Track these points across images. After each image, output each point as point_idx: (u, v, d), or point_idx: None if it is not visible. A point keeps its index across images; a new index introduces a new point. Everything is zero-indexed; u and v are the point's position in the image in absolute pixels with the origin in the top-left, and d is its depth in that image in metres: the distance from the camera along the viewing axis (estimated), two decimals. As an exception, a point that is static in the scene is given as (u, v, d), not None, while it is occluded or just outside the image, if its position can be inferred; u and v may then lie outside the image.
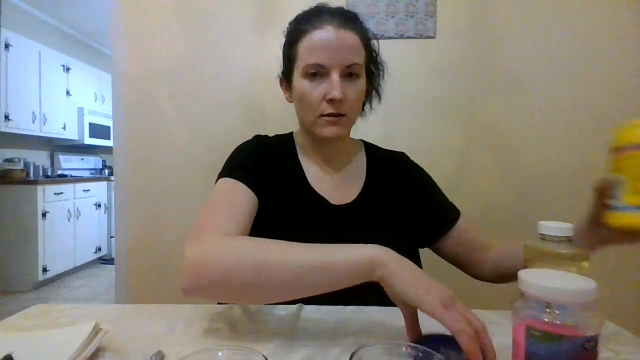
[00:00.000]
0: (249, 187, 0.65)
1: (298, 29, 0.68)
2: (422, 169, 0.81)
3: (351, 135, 0.86)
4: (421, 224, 0.75)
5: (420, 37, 1.17)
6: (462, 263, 0.75)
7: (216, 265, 0.49)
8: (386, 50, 1.21)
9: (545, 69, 1.15)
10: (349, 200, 0.72)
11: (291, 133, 0.80)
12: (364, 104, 0.79)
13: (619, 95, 1.14)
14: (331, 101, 0.64)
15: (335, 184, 0.73)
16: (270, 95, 1.17)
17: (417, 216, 0.75)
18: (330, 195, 0.72)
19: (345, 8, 0.72)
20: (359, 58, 0.66)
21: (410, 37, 1.18)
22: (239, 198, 0.63)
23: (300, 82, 0.66)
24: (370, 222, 0.71)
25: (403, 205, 0.75)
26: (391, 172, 0.77)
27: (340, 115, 0.66)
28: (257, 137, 0.78)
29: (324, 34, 0.64)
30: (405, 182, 0.77)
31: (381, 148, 0.84)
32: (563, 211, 1.14)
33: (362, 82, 0.68)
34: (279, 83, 0.76)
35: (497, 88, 1.17)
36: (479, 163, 1.18)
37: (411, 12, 1.17)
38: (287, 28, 0.72)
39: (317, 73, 0.64)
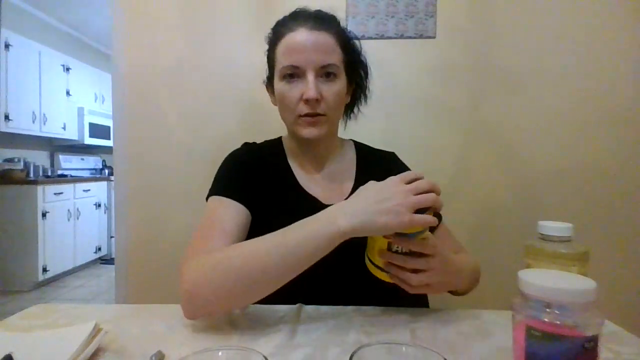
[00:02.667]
0: (237, 200, 0.66)
1: (275, 34, 0.71)
2: (406, 169, 0.81)
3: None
4: None
5: (420, 37, 1.17)
6: None
7: (205, 287, 0.52)
8: (386, 50, 1.21)
9: (545, 69, 1.15)
10: (341, 199, 0.72)
11: (280, 138, 0.82)
12: (352, 106, 0.81)
13: (620, 95, 1.14)
14: (307, 101, 0.65)
15: (326, 184, 0.74)
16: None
17: None
18: (321, 195, 0.72)
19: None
20: (335, 58, 0.67)
21: (410, 37, 1.18)
22: (226, 215, 0.64)
23: (278, 85, 0.68)
24: None
25: None
26: (379, 170, 0.77)
27: (319, 115, 0.67)
28: (246, 145, 0.79)
29: (297, 36, 0.66)
30: None
31: (372, 147, 0.84)
32: (563, 211, 1.14)
33: (340, 82, 0.68)
34: (265, 88, 0.78)
35: (497, 88, 1.17)
36: (479, 163, 1.18)
37: (411, 12, 1.17)
38: (269, 34, 0.74)
39: (293, 74, 0.66)
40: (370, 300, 0.60)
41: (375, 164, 0.79)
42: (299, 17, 0.69)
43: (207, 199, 0.69)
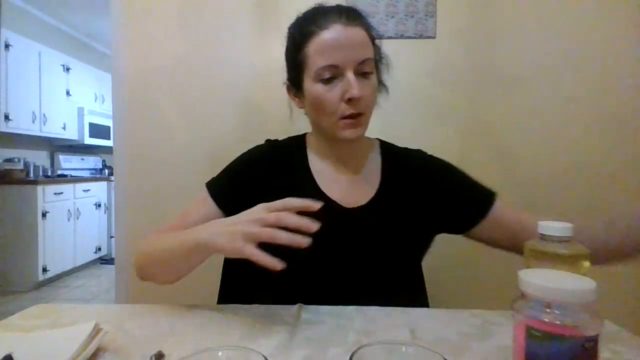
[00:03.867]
0: (218, 204, 0.69)
1: (303, 32, 0.65)
2: (443, 162, 0.78)
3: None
4: (452, 216, 0.72)
5: (420, 37, 1.17)
6: (507, 248, 0.70)
7: (139, 259, 0.66)
8: (386, 50, 1.21)
9: (545, 69, 1.15)
10: (364, 202, 0.69)
11: (304, 135, 0.78)
12: None
13: (619, 95, 1.14)
14: (350, 101, 0.62)
15: (349, 186, 0.71)
16: (270, 95, 1.17)
17: (446, 209, 0.72)
18: (342, 198, 0.69)
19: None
20: (370, 53, 0.65)
21: (410, 37, 1.18)
22: (197, 213, 0.69)
23: (313, 87, 0.64)
24: (386, 223, 0.68)
25: (424, 202, 0.71)
26: (408, 171, 0.74)
27: (360, 114, 0.64)
28: (267, 143, 0.77)
29: (333, 34, 0.62)
30: (425, 179, 0.73)
31: (397, 146, 0.81)
32: (563, 211, 1.14)
33: (374, 78, 0.66)
34: (286, 90, 0.73)
35: (497, 88, 1.17)
36: (479, 163, 1.18)
37: (411, 12, 1.17)
38: (289, 32, 0.69)
39: (331, 74, 0.62)
40: (370, 300, 0.60)
41: (402, 164, 0.75)
42: (329, 13, 0.64)
43: (206, 183, 0.73)
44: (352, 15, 0.64)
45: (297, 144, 0.76)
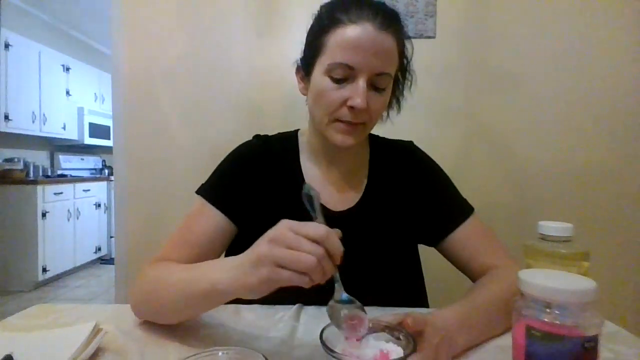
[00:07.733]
0: (220, 209, 0.64)
1: (331, 17, 0.60)
2: (431, 162, 0.76)
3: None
4: (426, 222, 0.70)
5: (420, 37, 1.17)
6: (463, 271, 0.68)
7: (141, 308, 0.56)
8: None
9: (544, 69, 1.15)
10: (351, 205, 0.68)
11: (296, 131, 0.76)
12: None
13: (618, 95, 1.14)
14: (352, 108, 0.58)
15: (337, 188, 0.70)
16: (269, 96, 1.17)
17: (423, 213, 0.70)
18: (331, 201, 0.68)
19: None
20: (391, 68, 0.60)
21: (410, 37, 1.18)
22: (199, 226, 0.63)
23: (321, 79, 0.60)
24: (372, 226, 0.68)
25: (409, 201, 0.71)
26: (397, 166, 0.73)
27: (357, 124, 0.60)
28: (257, 138, 0.74)
29: (361, 32, 0.56)
30: (412, 176, 0.72)
31: (387, 139, 0.78)
32: (563, 211, 1.14)
33: (387, 95, 0.62)
34: (295, 70, 0.68)
35: (496, 88, 1.17)
36: (479, 163, 1.18)
37: (411, 12, 1.17)
38: (319, 10, 0.64)
39: (344, 74, 0.58)
40: (370, 300, 0.60)
41: (391, 158, 0.73)
42: (364, 8, 0.58)
43: (197, 191, 0.67)
44: (388, 20, 0.59)
45: (289, 142, 0.73)
